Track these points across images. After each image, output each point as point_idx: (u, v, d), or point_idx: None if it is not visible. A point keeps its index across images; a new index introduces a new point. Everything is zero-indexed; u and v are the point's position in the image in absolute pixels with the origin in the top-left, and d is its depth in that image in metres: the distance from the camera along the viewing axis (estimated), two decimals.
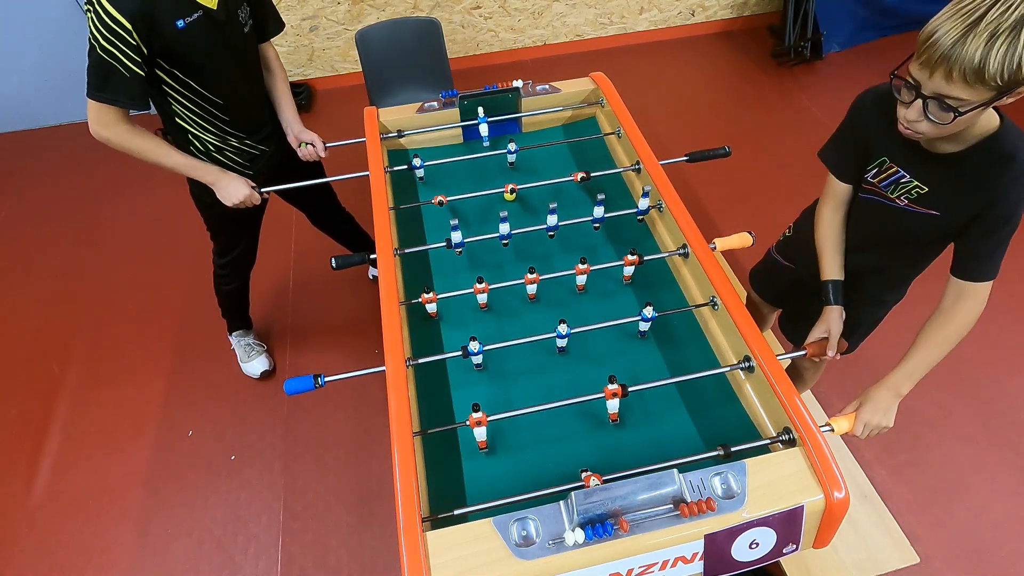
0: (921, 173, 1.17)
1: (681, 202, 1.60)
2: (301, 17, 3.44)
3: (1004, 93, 0.95)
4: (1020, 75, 0.91)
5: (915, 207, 1.19)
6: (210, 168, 1.69)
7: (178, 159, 1.62)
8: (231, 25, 1.56)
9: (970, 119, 1.01)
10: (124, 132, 1.52)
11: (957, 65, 0.92)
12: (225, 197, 1.70)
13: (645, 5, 3.86)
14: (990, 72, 0.91)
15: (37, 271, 2.85)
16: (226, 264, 2.10)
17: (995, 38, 0.88)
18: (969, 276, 1.18)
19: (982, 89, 0.94)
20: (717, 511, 1.06)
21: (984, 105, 0.97)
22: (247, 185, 1.71)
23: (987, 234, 1.14)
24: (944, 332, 1.21)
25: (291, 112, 1.86)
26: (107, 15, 1.33)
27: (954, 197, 1.15)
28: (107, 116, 1.47)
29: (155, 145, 1.58)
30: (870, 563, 1.79)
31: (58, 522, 2.04)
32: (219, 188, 1.70)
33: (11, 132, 3.62)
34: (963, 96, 0.96)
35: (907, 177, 1.19)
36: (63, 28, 3.25)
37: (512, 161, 1.89)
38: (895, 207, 1.23)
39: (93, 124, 1.49)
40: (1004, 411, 2.15)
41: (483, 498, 1.17)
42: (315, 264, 2.76)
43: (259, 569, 1.91)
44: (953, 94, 0.96)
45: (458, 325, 1.54)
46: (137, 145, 1.55)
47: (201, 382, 2.38)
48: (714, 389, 1.38)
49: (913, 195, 1.19)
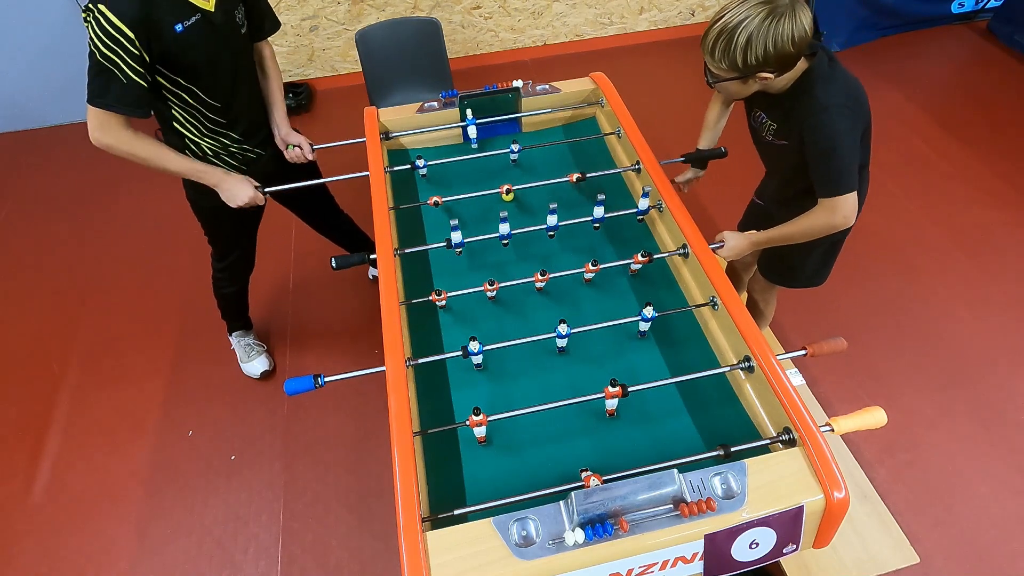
0: (771, 113, 1.51)
1: (681, 202, 1.60)
2: (301, 17, 3.44)
3: (744, 76, 1.34)
4: (739, 66, 1.31)
5: (775, 139, 1.53)
6: (214, 171, 1.68)
7: (181, 163, 1.61)
8: (228, 27, 1.56)
9: (734, 89, 1.42)
10: (126, 138, 1.50)
11: (706, 51, 1.36)
12: (230, 199, 1.70)
13: (645, 5, 3.86)
14: (716, 59, 1.33)
15: (37, 271, 2.85)
16: (224, 269, 2.10)
17: (719, 38, 1.31)
18: (820, 194, 1.44)
19: (723, 69, 1.35)
20: (717, 511, 1.06)
21: (733, 79, 1.36)
22: (251, 186, 1.71)
23: (813, 159, 1.41)
24: (802, 223, 1.49)
25: (280, 113, 1.86)
26: (107, 23, 1.32)
27: (790, 128, 1.46)
28: (108, 122, 1.46)
29: (157, 150, 1.57)
30: (870, 563, 1.79)
31: (58, 522, 2.04)
32: (223, 190, 1.69)
33: (11, 132, 3.62)
34: (714, 70, 1.38)
35: (764, 117, 1.53)
36: (63, 28, 3.26)
37: (515, 159, 1.89)
38: (767, 141, 1.56)
39: (93, 131, 1.47)
40: (1004, 411, 2.15)
41: (483, 498, 1.17)
42: (315, 264, 2.76)
43: (259, 569, 1.91)
44: (711, 67, 1.38)
45: (459, 323, 1.54)
46: (139, 151, 1.54)
47: (201, 382, 2.38)
48: (714, 389, 1.38)
49: (772, 131, 1.52)
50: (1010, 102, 3.39)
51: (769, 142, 1.55)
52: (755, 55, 1.28)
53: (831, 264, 1.79)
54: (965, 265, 2.60)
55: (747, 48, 1.27)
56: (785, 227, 1.52)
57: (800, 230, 1.49)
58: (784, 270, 1.84)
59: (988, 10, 3.93)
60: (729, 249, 1.57)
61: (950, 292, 2.50)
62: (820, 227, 1.46)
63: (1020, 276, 2.53)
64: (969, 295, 2.49)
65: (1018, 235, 2.70)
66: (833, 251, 1.75)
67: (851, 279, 2.55)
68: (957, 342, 2.34)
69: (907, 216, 2.80)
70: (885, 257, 2.64)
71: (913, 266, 2.61)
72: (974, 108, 3.37)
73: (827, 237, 1.63)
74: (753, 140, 1.66)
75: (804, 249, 1.70)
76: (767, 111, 1.52)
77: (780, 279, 1.89)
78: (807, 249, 1.70)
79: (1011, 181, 2.94)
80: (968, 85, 3.54)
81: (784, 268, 1.84)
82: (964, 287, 2.52)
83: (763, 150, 1.64)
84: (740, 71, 1.32)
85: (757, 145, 1.66)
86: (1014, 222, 2.76)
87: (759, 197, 1.88)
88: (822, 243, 1.68)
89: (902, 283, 2.55)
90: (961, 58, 3.76)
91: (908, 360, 2.30)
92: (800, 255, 1.74)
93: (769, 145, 1.56)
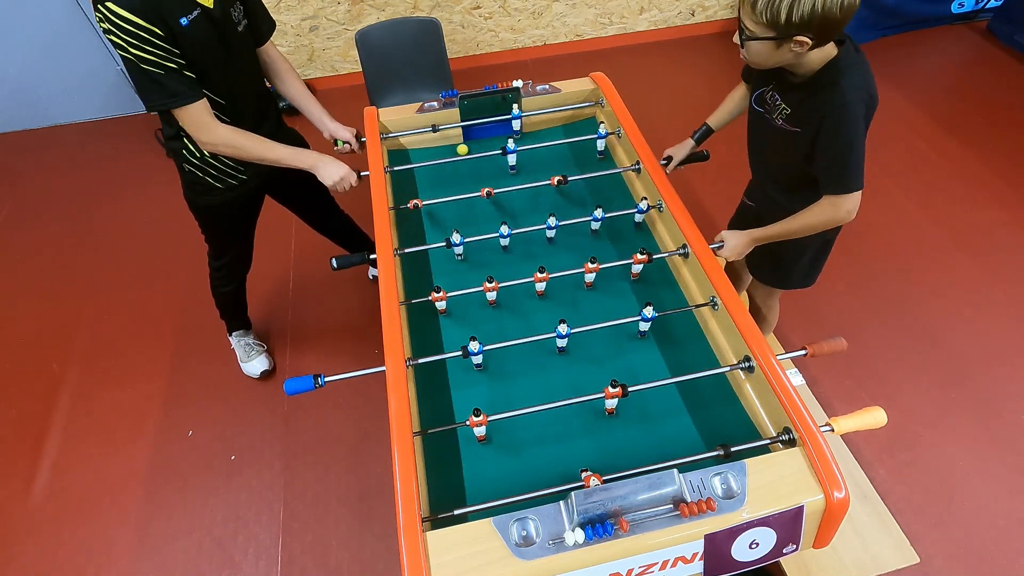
0: (787, 97, 1.45)
1: (681, 202, 1.60)
2: (301, 17, 3.44)
3: (781, 36, 1.24)
4: (780, 21, 1.21)
5: (786, 124, 1.46)
6: (309, 153, 1.75)
7: (281, 151, 1.69)
8: (226, 23, 1.56)
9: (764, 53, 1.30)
10: (224, 130, 1.57)
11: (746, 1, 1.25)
12: (325, 177, 1.75)
13: (645, 5, 3.86)
14: (756, 11, 1.23)
15: (37, 271, 2.85)
16: (221, 267, 2.11)
17: None
18: (824, 190, 1.42)
19: (760, 25, 1.25)
20: (717, 511, 1.06)
21: (765, 39, 1.26)
22: (345, 167, 1.76)
23: (827, 153, 1.37)
24: (805, 218, 1.47)
25: (317, 109, 1.90)
26: (119, 18, 1.32)
27: (805, 116, 1.40)
28: (200, 119, 1.51)
29: (257, 141, 1.65)
30: (870, 563, 1.79)
31: (58, 522, 2.04)
32: (318, 170, 1.75)
33: (11, 132, 3.62)
34: (749, 27, 1.28)
35: (779, 99, 1.47)
36: (64, 28, 3.25)
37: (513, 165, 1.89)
38: (775, 125, 1.49)
39: (196, 133, 1.54)
40: (1004, 411, 2.15)
41: (483, 498, 1.17)
42: (315, 264, 2.76)
43: (259, 569, 1.91)
44: (746, 24, 1.28)
45: (459, 324, 1.54)
46: (241, 142, 1.61)
47: (201, 382, 2.38)
48: (714, 389, 1.38)
49: (784, 115, 1.46)
50: (1010, 102, 3.39)
51: (778, 127, 1.48)
52: (800, 12, 1.19)
53: (822, 264, 1.79)
54: (965, 265, 2.60)
55: (793, 4, 1.18)
56: (787, 222, 1.50)
57: (802, 225, 1.48)
58: (776, 271, 1.84)
59: (988, 10, 3.93)
60: (730, 249, 1.56)
61: (950, 292, 2.50)
62: (823, 222, 1.45)
63: (1020, 276, 2.53)
64: (969, 295, 2.49)
65: (1018, 235, 2.70)
66: (824, 250, 1.74)
67: (851, 279, 2.56)
68: (957, 342, 2.34)
69: (907, 216, 2.80)
70: (885, 257, 2.64)
71: (913, 266, 2.61)
72: (974, 108, 3.37)
73: (819, 236, 1.63)
74: (751, 128, 1.62)
75: (796, 250, 1.70)
76: (783, 93, 1.46)
77: (773, 280, 1.88)
78: (799, 250, 1.69)
79: (1011, 181, 2.94)
80: (968, 85, 3.54)
81: (776, 269, 1.83)
82: (964, 287, 2.52)
83: (765, 137, 1.57)
84: (779, 30, 1.23)
85: (757, 132, 1.61)
86: (1014, 222, 2.76)
87: (749, 198, 1.86)
88: (813, 243, 1.68)
89: (902, 283, 2.55)
90: (961, 58, 3.76)
91: (908, 360, 2.30)
92: (792, 256, 1.73)
93: (776, 131, 1.49)
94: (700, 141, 1.80)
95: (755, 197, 1.81)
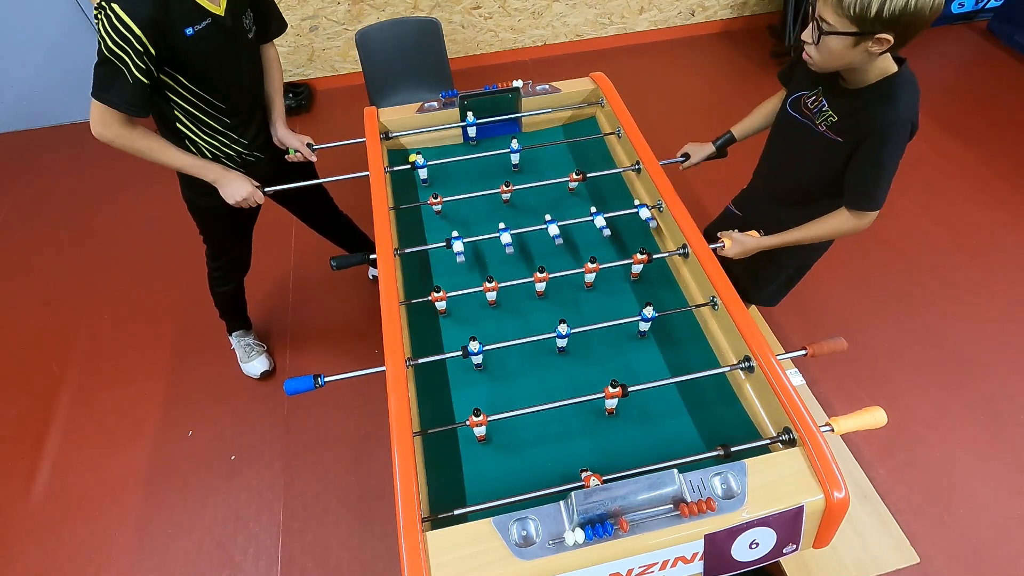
0: (834, 104, 1.40)
1: (681, 202, 1.60)
2: (301, 17, 3.44)
3: (864, 33, 1.19)
4: (869, 15, 1.15)
5: (828, 133, 1.42)
6: (213, 167, 1.68)
7: (182, 159, 1.63)
8: (237, 31, 1.56)
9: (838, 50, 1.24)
10: (126, 134, 1.52)
11: None
12: (228, 195, 1.70)
13: (645, 5, 3.86)
14: (847, 1, 1.16)
15: (37, 271, 2.85)
16: (219, 268, 2.11)
17: None
18: (853, 203, 1.41)
19: (844, 19, 1.19)
20: (717, 511, 1.06)
21: (846, 35, 1.21)
22: (250, 184, 1.72)
23: (864, 168, 1.36)
24: (823, 227, 1.47)
25: (277, 112, 1.85)
26: (119, 21, 1.32)
27: (851, 127, 1.37)
28: (109, 118, 1.47)
29: (159, 145, 1.58)
30: (870, 563, 1.79)
31: (58, 522, 2.04)
32: (222, 186, 1.70)
33: (11, 132, 3.62)
34: (830, 20, 1.21)
35: (825, 104, 1.42)
36: (64, 28, 3.25)
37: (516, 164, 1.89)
38: (816, 131, 1.45)
39: (95, 124, 1.49)
40: (1004, 411, 2.15)
41: (483, 498, 1.17)
42: (315, 264, 2.76)
43: (259, 569, 1.91)
44: (826, 17, 1.22)
45: (459, 324, 1.54)
46: (140, 146, 1.55)
47: (201, 382, 2.38)
48: (714, 389, 1.38)
49: (829, 122, 1.42)
50: (1010, 102, 3.39)
51: (818, 133, 1.44)
52: (893, 7, 1.13)
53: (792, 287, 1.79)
54: (965, 265, 2.60)
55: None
56: (800, 231, 1.49)
57: (816, 234, 1.47)
58: (749, 286, 1.81)
59: (988, 10, 3.93)
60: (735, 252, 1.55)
61: (950, 292, 2.51)
62: (841, 232, 1.46)
63: (1020, 276, 2.53)
64: (969, 295, 2.49)
65: (1018, 235, 2.70)
66: (799, 274, 1.74)
67: (851, 279, 2.55)
68: (957, 342, 2.34)
69: (907, 216, 2.80)
70: (885, 257, 2.64)
71: (913, 266, 2.61)
72: (974, 108, 3.37)
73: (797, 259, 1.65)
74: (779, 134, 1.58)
75: (773, 270, 1.71)
76: (831, 99, 1.41)
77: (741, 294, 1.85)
78: (776, 270, 1.70)
79: (1011, 181, 2.94)
80: (968, 85, 3.54)
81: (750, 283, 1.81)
82: (964, 287, 2.52)
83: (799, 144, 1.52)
84: (864, 25, 1.18)
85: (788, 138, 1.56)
86: (1014, 222, 2.76)
87: (737, 207, 1.83)
88: (791, 264, 1.69)
89: (902, 283, 2.55)
90: (961, 58, 3.76)
91: (908, 360, 2.30)
92: (768, 274, 1.73)
93: (816, 138, 1.45)
94: (721, 149, 1.80)
95: (746, 207, 1.79)
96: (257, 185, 1.74)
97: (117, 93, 1.42)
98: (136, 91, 1.42)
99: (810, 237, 1.50)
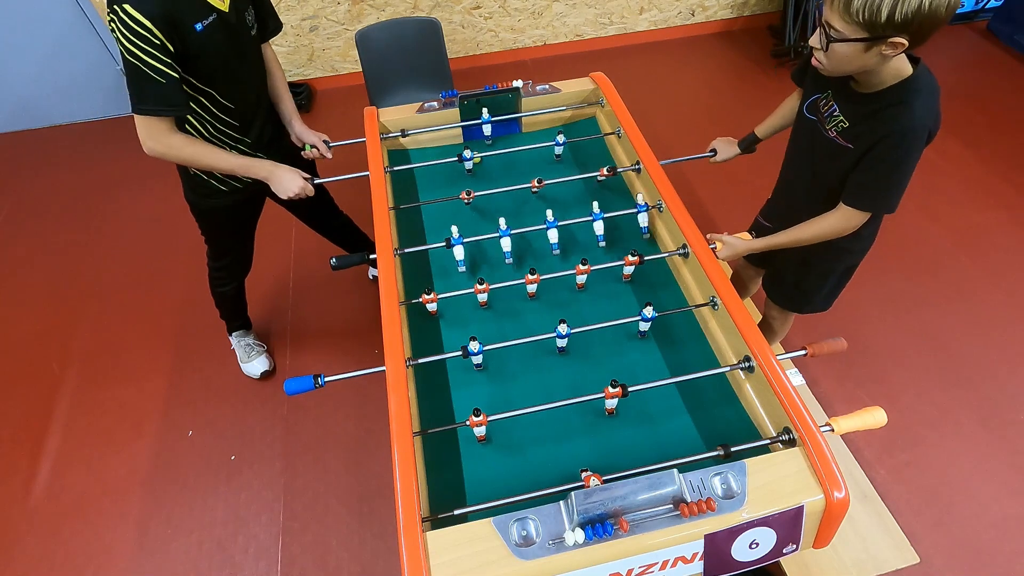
0: (846, 108, 1.36)
1: (681, 202, 1.60)
2: (301, 17, 3.44)
3: (874, 38, 1.14)
4: (879, 20, 1.10)
5: (840, 139, 1.38)
6: (264, 163, 1.69)
7: (232, 160, 1.63)
8: (241, 28, 1.56)
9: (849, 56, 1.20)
10: (175, 143, 1.51)
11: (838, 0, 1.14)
12: (281, 190, 1.71)
13: (645, 5, 3.86)
14: (852, 8, 1.11)
15: (37, 271, 2.85)
16: (220, 268, 2.10)
17: None
18: (845, 200, 1.38)
19: (853, 25, 1.14)
20: (717, 511, 1.06)
21: (855, 41, 1.16)
22: (301, 177, 1.72)
23: (872, 168, 1.32)
24: (813, 228, 1.45)
25: (290, 110, 1.86)
26: (132, 20, 1.32)
27: (863, 133, 1.32)
28: (154, 129, 1.46)
29: (205, 150, 1.58)
30: (870, 563, 1.79)
31: (58, 522, 2.04)
32: (274, 182, 1.70)
33: (11, 132, 3.62)
34: (838, 26, 1.16)
35: (836, 109, 1.38)
36: (65, 29, 3.25)
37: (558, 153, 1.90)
38: (827, 137, 1.41)
39: (144, 140, 1.47)
40: (1004, 411, 2.15)
41: (483, 498, 1.17)
42: (315, 264, 2.76)
43: (259, 569, 1.91)
44: (834, 23, 1.17)
45: (458, 325, 1.54)
46: (188, 153, 1.54)
47: (201, 382, 2.38)
48: (714, 389, 1.38)
49: (839, 128, 1.38)
50: (1010, 102, 3.39)
51: (829, 139, 1.40)
52: (906, 10, 1.08)
53: (842, 288, 1.75)
54: (965, 265, 2.60)
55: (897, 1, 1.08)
56: (794, 232, 1.48)
57: (810, 235, 1.45)
58: (796, 296, 1.79)
59: (988, 10, 3.93)
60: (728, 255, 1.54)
61: (950, 292, 2.50)
62: (830, 233, 1.43)
63: (1021, 276, 2.53)
64: (969, 295, 2.49)
65: (1018, 235, 2.70)
66: (847, 275, 1.70)
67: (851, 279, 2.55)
68: (958, 342, 2.34)
69: (907, 216, 2.80)
70: (885, 257, 2.64)
71: (913, 266, 2.61)
72: (974, 108, 3.37)
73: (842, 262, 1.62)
74: (797, 137, 1.55)
75: (820, 276, 1.67)
76: (842, 103, 1.36)
77: (792, 304, 1.84)
78: (823, 276, 1.67)
79: (1011, 181, 2.94)
80: (968, 85, 3.54)
81: (797, 295, 1.78)
82: (964, 287, 2.52)
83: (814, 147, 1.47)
84: (876, 29, 1.12)
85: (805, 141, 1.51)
86: (1014, 222, 2.76)
87: (766, 218, 1.79)
88: (837, 269, 1.65)
89: (902, 283, 2.55)
90: (961, 58, 3.76)
91: (908, 360, 2.30)
92: (815, 282, 1.70)
93: (828, 143, 1.41)
94: (746, 149, 1.80)
95: (773, 216, 1.75)
96: (307, 177, 1.74)
97: (153, 98, 1.41)
98: (169, 88, 1.41)
99: (801, 239, 1.48)
